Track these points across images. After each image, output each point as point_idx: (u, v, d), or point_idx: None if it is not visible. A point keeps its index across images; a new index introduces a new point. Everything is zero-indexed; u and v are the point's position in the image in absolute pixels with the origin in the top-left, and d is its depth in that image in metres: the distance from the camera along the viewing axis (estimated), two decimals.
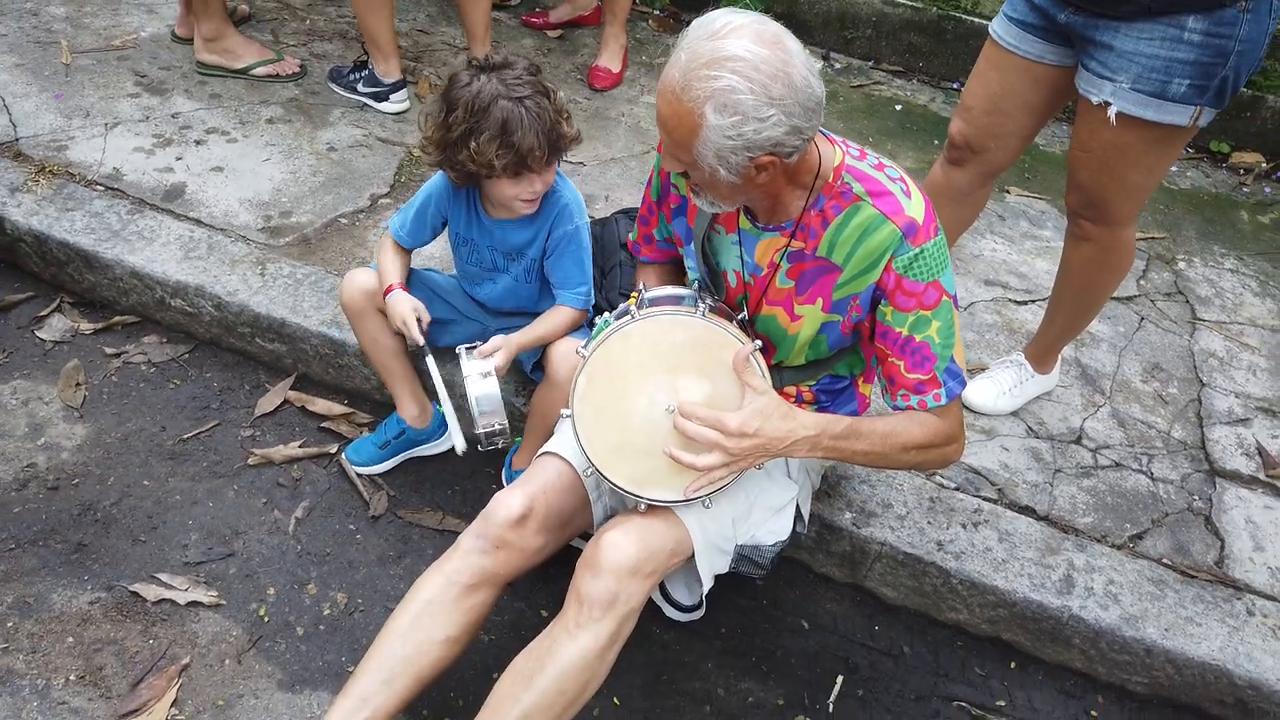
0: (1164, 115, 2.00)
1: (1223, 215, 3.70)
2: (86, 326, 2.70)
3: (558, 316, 2.19)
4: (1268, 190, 3.90)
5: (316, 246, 2.82)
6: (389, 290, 2.17)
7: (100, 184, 2.90)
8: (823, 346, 1.91)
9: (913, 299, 1.74)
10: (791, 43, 1.57)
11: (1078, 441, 2.61)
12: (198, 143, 3.13)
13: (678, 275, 2.15)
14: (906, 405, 1.82)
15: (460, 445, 2.10)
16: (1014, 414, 2.64)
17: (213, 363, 2.67)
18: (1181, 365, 2.92)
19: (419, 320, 2.14)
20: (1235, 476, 2.57)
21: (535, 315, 2.27)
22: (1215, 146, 4.02)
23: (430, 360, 2.14)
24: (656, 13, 4.37)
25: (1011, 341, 2.89)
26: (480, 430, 2.02)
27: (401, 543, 2.31)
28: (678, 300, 1.89)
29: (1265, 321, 3.16)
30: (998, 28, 2.25)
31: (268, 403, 2.57)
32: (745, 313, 1.91)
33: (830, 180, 1.75)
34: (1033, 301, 3.06)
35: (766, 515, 1.97)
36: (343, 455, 2.45)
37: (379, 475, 2.43)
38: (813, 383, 2.00)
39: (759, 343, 1.75)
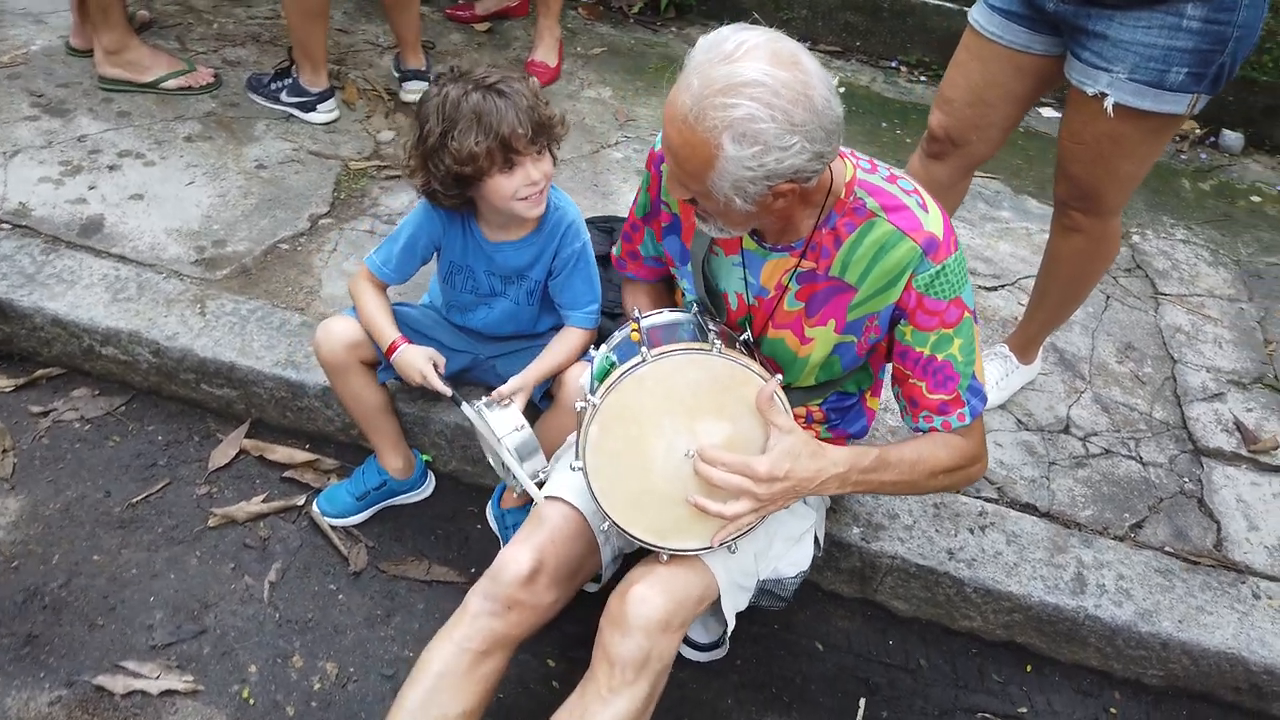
0: (1162, 104, 1.95)
1: (1166, 185, 3.74)
2: (6, 383, 2.44)
3: (570, 341, 2.06)
4: (1204, 156, 3.96)
5: (259, 277, 2.60)
6: (393, 349, 2.00)
7: (6, 222, 2.62)
8: (836, 368, 1.81)
9: (934, 318, 1.66)
10: (809, 60, 1.46)
11: (1066, 431, 2.58)
12: (111, 168, 2.86)
13: (668, 294, 2.04)
14: (930, 427, 1.75)
15: (539, 496, 1.84)
16: (1001, 407, 2.60)
17: (154, 414, 2.44)
18: (1152, 343, 2.93)
19: (436, 367, 2.00)
20: (1219, 454, 2.58)
21: (533, 337, 2.14)
22: None
23: (469, 409, 1.92)
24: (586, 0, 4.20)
25: (987, 330, 2.85)
26: (531, 482, 1.86)
27: (388, 599, 2.15)
28: (679, 327, 1.78)
29: (1222, 291, 3.20)
30: (979, 16, 2.17)
31: (222, 455, 2.36)
32: (749, 333, 1.80)
33: (842, 196, 1.65)
34: (1002, 287, 3.03)
35: (787, 546, 1.88)
36: (313, 506, 2.26)
37: (355, 526, 2.26)
38: (821, 401, 1.91)
39: (780, 377, 1.64)
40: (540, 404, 2.14)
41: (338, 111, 3.21)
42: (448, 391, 1.99)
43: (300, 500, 2.29)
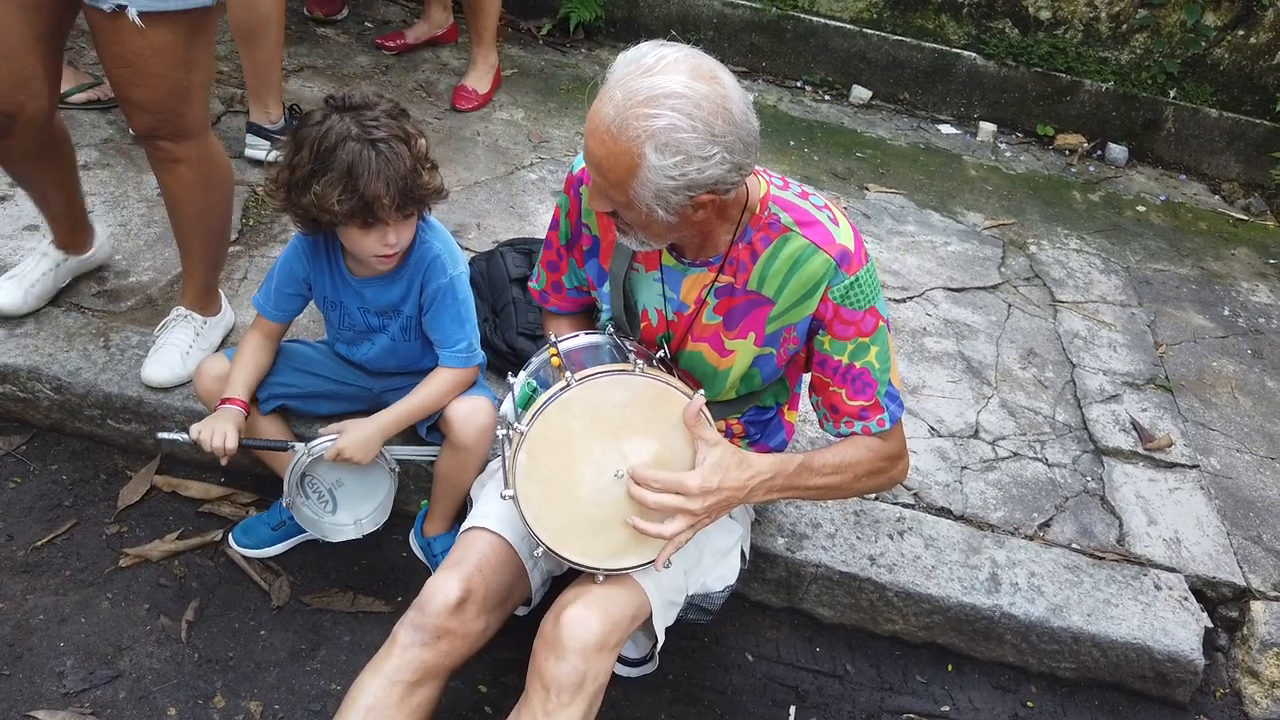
0: (186, 1, 1.87)
1: (1059, 196, 3.92)
2: None
3: (438, 383, 2.03)
4: (1091, 169, 4.16)
5: (165, 308, 2.51)
6: (223, 402, 1.97)
7: None
8: (756, 380, 1.85)
9: (851, 327, 1.72)
10: (726, 76, 1.51)
11: (976, 435, 2.68)
12: (2, 199, 2.75)
13: (588, 323, 2.05)
14: (850, 432, 1.80)
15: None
16: (914, 415, 2.68)
17: (58, 452, 2.35)
18: (1052, 348, 3.06)
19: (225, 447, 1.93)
20: (1118, 453, 2.70)
21: (421, 373, 2.11)
22: (1041, 130, 4.25)
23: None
24: None
25: (897, 342, 2.93)
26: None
27: (313, 633, 2.10)
28: (599, 349, 1.79)
29: (1114, 297, 3.36)
30: None
31: (132, 492, 2.28)
32: (665, 351, 1.83)
33: (757, 212, 1.70)
34: (911, 298, 3.13)
35: (715, 560, 1.91)
36: (229, 539, 2.20)
37: (274, 559, 2.20)
38: (740, 415, 1.95)
39: (703, 391, 1.67)
40: (428, 438, 2.15)
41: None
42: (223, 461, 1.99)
43: (218, 536, 2.23)
